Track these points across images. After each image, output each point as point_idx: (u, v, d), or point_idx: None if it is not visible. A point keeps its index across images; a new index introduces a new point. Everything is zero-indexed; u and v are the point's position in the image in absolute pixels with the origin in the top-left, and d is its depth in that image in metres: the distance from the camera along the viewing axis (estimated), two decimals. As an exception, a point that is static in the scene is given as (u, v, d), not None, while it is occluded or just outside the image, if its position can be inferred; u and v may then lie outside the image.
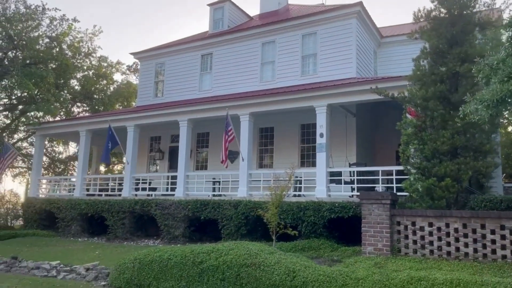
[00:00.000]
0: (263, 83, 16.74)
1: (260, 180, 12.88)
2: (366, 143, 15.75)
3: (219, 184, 15.61)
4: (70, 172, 29.81)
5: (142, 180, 16.31)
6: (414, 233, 7.69)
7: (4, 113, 22.84)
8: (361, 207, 8.17)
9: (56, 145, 28.25)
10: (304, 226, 11.01)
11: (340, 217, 10.66)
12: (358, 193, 11.56)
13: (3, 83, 18.36)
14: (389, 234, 7.75)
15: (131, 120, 15.70)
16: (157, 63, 19.95)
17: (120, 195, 16.39)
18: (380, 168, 11.18)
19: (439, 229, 7.45)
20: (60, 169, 28.78)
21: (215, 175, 15.28)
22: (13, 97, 21.20)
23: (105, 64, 23.78)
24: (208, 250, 8.07)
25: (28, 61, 19.15)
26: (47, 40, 19.98)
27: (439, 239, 7.44)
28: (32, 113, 23.30)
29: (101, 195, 16.33)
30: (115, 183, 16.34)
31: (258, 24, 17.63)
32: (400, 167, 11.21)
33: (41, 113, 18.00)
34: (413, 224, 7.70)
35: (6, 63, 18.52)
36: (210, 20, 19.74)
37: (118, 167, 29.21)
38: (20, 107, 22.57)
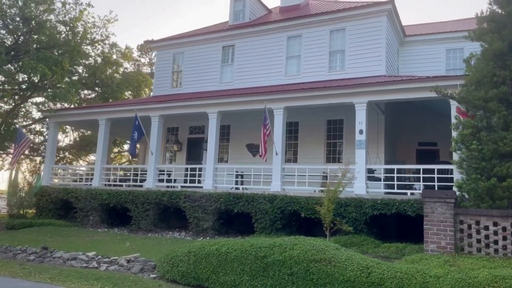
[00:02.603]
0: (288, 77, 16.64)
1: (295, 175, 12.83)
2: (391, 140, 15.88)
3: (242, 178, 15.48)
4: (68, 160, 29.16)
5: (160, 171, 16.07)
6: (478, 232, 7.77)
7: (5, 98, 22.11)
8: (423, 205, 8.21)
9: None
10: (339, 222, 10.99)
11: (383, 214, 10.72)
12: (393, 191, 11.74)
13: (15, 66, 17.74)
14: (453, 232, 7.82)
15: (156, 110, 15.40)
16: (175, 53, 19.61)
17: (141, 186, 16.13)
18: (421, 166, 11.27)
19: (504, 228, 7.55)
20: (58, 157, 28.09)
21: (243, 168, 15.09)
22: (21, 81, 20.48)
23: (114, 50, 23.27)
24: (269, 244, 7.97)
25: (38, 46, 18.57)
26: (60, 24, 19.39)
27: (504, 238, 7.55)
28: (40, 99, 22.73)
29: (121, 185, 16.02)
30: (137, 173, 16.04)
31: (282, 18, 17.50)
32: (442, 166, 11.35)
33: (56, 100, 17.45)
34: (477, 223, 7.78)
35: (21, 45, 17.91)
36: (230, 11, 19.49)
37: (123, 159, 28.86)
38: (27, 93, 21.90)
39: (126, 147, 32.05)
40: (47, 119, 23.84)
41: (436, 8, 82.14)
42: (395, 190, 11.35)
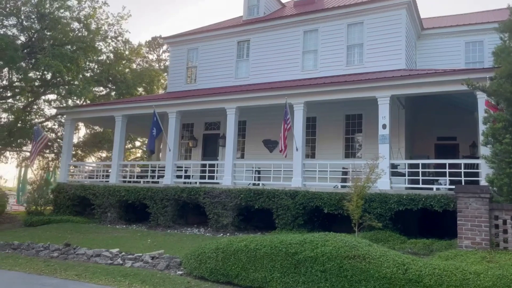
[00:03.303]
0: (305, 72, 16.48)
1: (314, 171, 12.71)
2: (410, 135, 15.69)
3: (259, 173, 15.38)
4: (79, 157, 29.15)
5: (178, 167, 16.01)
6: (515, 227, 7.63)
7: (17, 96, 22.07)
8: (456, 200, 8.06)
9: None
10: (368, 218, 10.88)
11: (409, 209, 10.57)
12: (415, 186, 11.57)
13: (31, 63, 17.73)
14: (488, 228, 7.67)
15: (174, 106, 15.32)
16: (189, 49, 19.49)
17: (157, 182, 16.09)
18: (447, 161, 11.07)
19: (542, 224, 7.41)
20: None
21: (262, 164, 14.96)
22: (35, 78, 20.44)
23: (127, 47, 23.18)
24: (299, 241, 7.87)
25: (52, 42, 18.52)
26: (74, 21, 19.37)
27: (542, 234, 7.40)
28: (53, 96, 22.71)
29: (139, 181, 15.99)
30: (154, 169, 16.01)
31: (298, 12, 17.31)
32: (468, 161, 11.17)
33: (72, 96, 17.42)
34: (513, 218, 7.64)
35: (35, 42, 17.90)
36: (245, 6, 19.33)
37: (134, 155, 28.82)
38: (40, 90, 21.90)
39: (137, 143, 32.09)
40: (60, 116, 24.02)
41: (455, 0, 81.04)
42: (420, 185, 11.18)
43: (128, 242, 12.12)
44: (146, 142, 33.28)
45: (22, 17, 18.13)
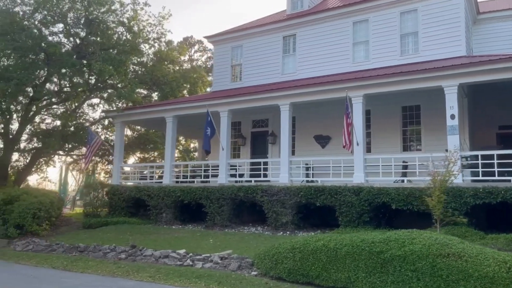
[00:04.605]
0: (355, 64, 16.02)
1: (374, 165, 12.30)
2: (472, 124, 14.97)
3: (312, 170, 15.07)
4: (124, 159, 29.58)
5: (231, 166, 15.93)
6: None
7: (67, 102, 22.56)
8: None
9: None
10: (451, 213, 10.37)
11: (487, 203, 10.02)
12: (491, 178, 10.94)
13: (82, 67, 18.08)
14: None
15: (225, 105, 15.22)
16: (233, 47, 19.38)
17: (207, 181, 16.08)
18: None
19: None
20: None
21: (319, 161, 14.61)
22: (79, 83, 20.82)
23: (170, 48, 23.33)
24: (382, 239, 7.52)
25: (101, 47, 18.81)
26: (118, 25, 19.62)
27: None
28: (96, 100, 23.11)
29: (193, 181, 16.02)
30: (207, 169, 16.00)
31: (345, 3, 16.83)
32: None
33: (122, 99, 17.68)
34: None
35: (84, 48, 18.25)
36: (288, 0, 19.02)
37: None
38: (86, 94, 22.30)
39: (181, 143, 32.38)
40: (103, 119, 24.48)
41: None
42: (496, 178, 10.55)
43: (190, 243, 12.09)
44: (183, 141, 33.67)
45: (70, 22, 18.51)
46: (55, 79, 20.22)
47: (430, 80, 11.65)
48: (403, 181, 12.64)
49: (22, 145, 22.26)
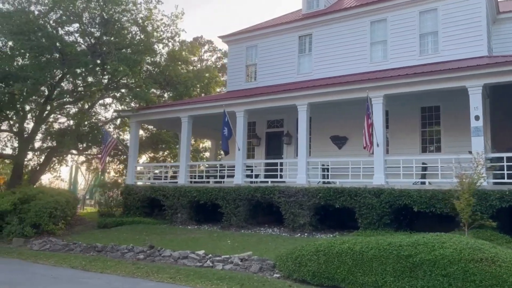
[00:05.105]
0: (373, 64, 15.82)
1: (399, 167, 12.10)
2: (494, 126, 14.69)
3: (328, 171, 14.89)
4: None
5: (247, 167, 15.80)
6: None
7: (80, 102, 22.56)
8: None
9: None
10: (480, 217, 10.14)
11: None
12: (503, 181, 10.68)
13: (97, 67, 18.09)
14: None
15: (242, 105, 15.10)
16: (247, 47, 19.27)
17: (221, 182, 15.98)
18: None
19: None
20: (126, 156, 28.44)
21: (337, 162, 14.41)
22: (91, 83, 20.82)
23: (183, 47, 23.28)
24: (411, 242, 7.35)
25: (116, 46, 18.80)
26: (132, 24, 19.62)
27: None
28: (108, 100, 23.10)
29: (208, 182, 15.94)
30: (223, 169, 15.90)
31: (363, 3, 16.63)
32: None
33: (137, 99, 17.63)
34: None
35: (98, 48, 18.25)
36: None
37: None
38: (99, 94, 22.31)
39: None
40: (120, 119, 24.49)
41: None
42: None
43: (208, 243, 11.99)
44: (192, 141, 33.56)
45: (86, 22, 18.54)
46: (70, 79, 20.29)
47: (453, 81, 11.42)
48: (423, 183, 12.44)
49: (37, 144, 22.39)
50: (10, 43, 18.50)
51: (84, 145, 21.58)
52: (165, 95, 25.85)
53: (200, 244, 11.89)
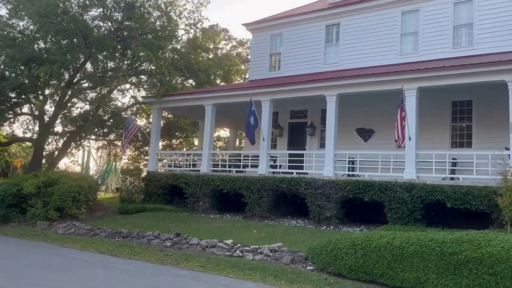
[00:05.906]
0: (403, 56, 15.44)
1: (431, 161, 11.82)
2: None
3: (353, 164, 14.63)
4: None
5: (272, 157, 15.63)
6: None
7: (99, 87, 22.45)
8: None
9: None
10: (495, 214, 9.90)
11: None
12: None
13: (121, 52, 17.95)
14: None
15: (268, 95, 14.86)
16: (272, 35, 18.95)
17: (242, 171, 15.83)
18: None
19: None
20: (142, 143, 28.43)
21: (361, 154, 14.12)
22: (110, 68, 20.68)
23: (205, 35, 23.04)
24: (455, 239, 7.13)
25: (138, 31, 18.62)
26: (155, 10, 19.44)
27: None
28: (127, 86, 22.91)
29: (230, 171, 15.81)
30: (246, 158, 15.75)
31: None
32: None
33: (163, 85, 17.44)
34: None
35: (120, 33, 18.11)
36: (331, -12, 18.46)
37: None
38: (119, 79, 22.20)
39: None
40: (139, 105, 24.42)
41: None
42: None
43: (233, 233, 11.85)
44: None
45: (110, 6, 18.39)
46: (90, 64, 20.20)
47: (492, 74, 11.04)
48: (452, 178, 12.17)
49: (56, 129, 22.43)
50: (31, 26, 18.49)
51: (105, 130, 21.53)
52: (187, 82, 25.72)
53: (226, 233, 11.77)
